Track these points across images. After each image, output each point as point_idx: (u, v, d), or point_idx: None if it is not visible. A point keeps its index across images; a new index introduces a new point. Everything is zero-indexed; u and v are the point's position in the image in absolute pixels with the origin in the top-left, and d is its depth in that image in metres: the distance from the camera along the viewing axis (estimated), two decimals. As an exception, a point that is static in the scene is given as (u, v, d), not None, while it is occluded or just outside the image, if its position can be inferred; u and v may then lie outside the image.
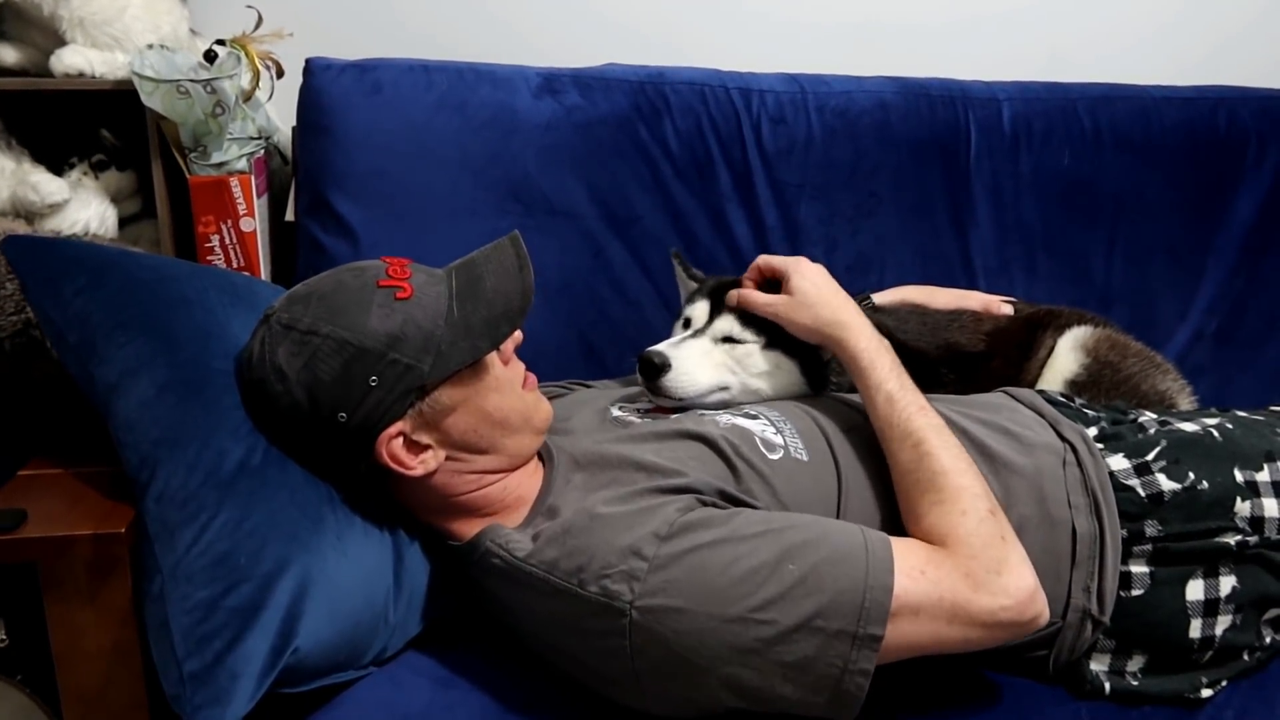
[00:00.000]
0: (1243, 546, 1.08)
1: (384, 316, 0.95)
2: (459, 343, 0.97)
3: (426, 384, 0.97)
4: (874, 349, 1.12)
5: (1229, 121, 1.69)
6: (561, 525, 0.97)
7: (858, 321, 1.14)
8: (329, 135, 1.42)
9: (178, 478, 0.93)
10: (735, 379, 1.21)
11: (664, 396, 1.18)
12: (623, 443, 1.07)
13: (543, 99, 1.49)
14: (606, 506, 0.97)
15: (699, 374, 1.18)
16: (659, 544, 0.91)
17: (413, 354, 0.95)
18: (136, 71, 1.34)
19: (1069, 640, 1.07)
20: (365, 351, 0.94)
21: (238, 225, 1.43)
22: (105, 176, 1.47)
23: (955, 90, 1.64)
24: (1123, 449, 1.13)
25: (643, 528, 0.93)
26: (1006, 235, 1.65)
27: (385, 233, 1.43)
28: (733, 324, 1.22)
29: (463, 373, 0.98)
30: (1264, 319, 1.72)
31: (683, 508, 0.95)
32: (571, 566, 0.93)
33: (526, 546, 0.98)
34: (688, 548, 0.91)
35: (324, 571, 0.94)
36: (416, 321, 0.96)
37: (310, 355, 0.95)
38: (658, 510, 0.95)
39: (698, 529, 0.93)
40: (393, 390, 0.95)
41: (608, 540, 0.93)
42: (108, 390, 0.99)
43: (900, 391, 1.07)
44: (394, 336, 0.95)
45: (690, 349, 1.20)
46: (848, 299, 1.17)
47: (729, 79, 1.58)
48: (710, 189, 1.55)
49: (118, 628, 0.98)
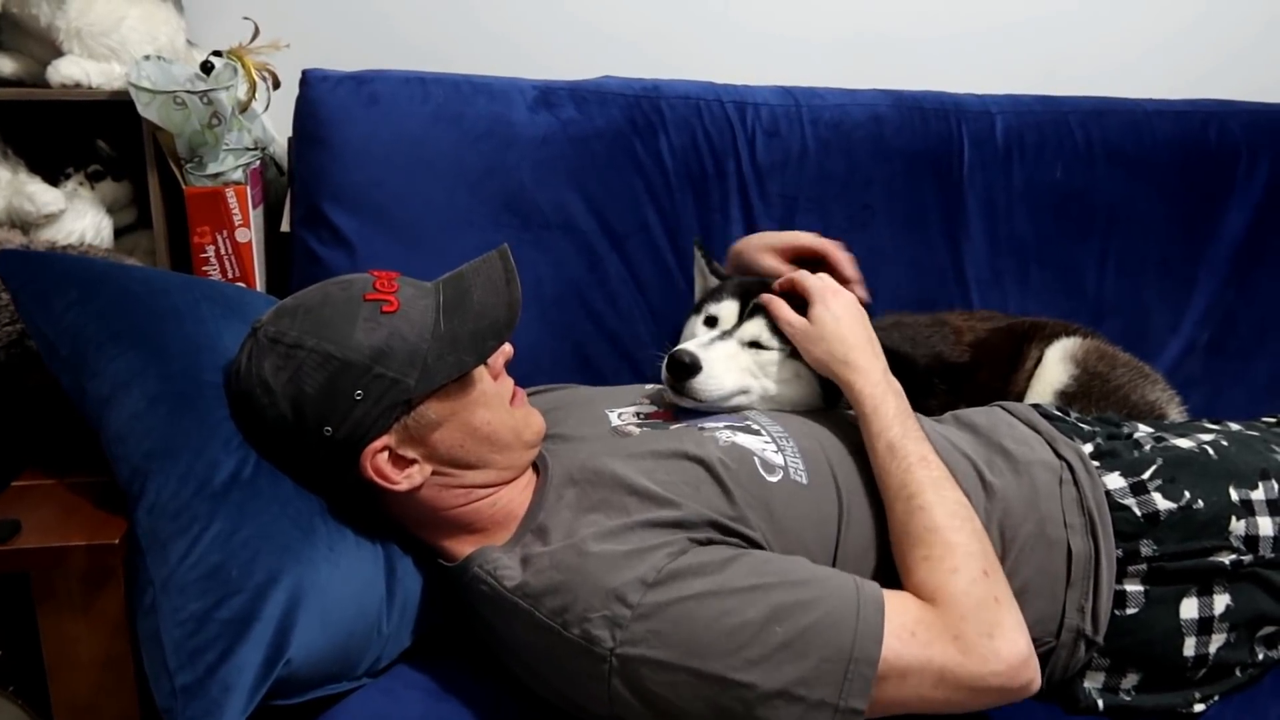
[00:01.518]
0: (1237, 565, 1.08)
1: (369, 330, 0.95)
2: (445, 357, 0.97)
3: (412, 398, 0.96)
4: (880, 394, 1.09)
5: (1220, 135, 1.70)
6: (550, 558, 0.96)
7: (869, 364, 1.12)
8: (325, 146, 1.42)
9: (169, 490, 0.93)
10: (756, 384, 1.21)
11: (687, 398, 1.16)
12: (619, 459, 1.05)
13: (539, 112, 1.50)
14: (596, 543, 0.95)
15: (725, 378, 1.17)
16: (645, 591, 0.90)
17: (398, 368, 0.95)
18: (133, 82, 1.34)
19: (1062, 659, 1.07)
20: (350, 365, 0.94)
21: (233, 236, 1.43)
22: (101, 187, 1.47)
23: (948, 103, 1.65)
24: (1119, 467, 1.13)
25: (630, 571, 0.92)
26: (999, 247, 1.66)
27: (381, 244, 1.42)
28: (762, 329, 1.22)
29: (449, 387, 0.98)
30: (1255, 331, 1.73)
31: (673, 552, 0.93)
32: (556, 605, 0.93)
33: (515, 575, 0.97)
34: (674, 598, 0.90)
35: (316, 583, 0.94)
36: (402, 335, 0.96)
37: (295, 369, 0.94)
38: (647, 555, 0.93)
39: (686, 578, 0.91)
40: (378, 404, 0.95)
41: (593, 581, 0.92)
42: (99, 403, 0.99)
43: (902, 440, 1.04)
44: (379, 350, 0.95)
45: (719, 351, 1.19)
46: (868, 339, 1.15)
47: (723, 92, 1.58)
48: (705, 202, 1.55)
49: (110, 639, 0.98)
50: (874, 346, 1.15)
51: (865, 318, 1.18)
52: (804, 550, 1.02)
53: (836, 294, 1.18)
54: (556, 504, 1.02)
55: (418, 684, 1.03)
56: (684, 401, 1.18)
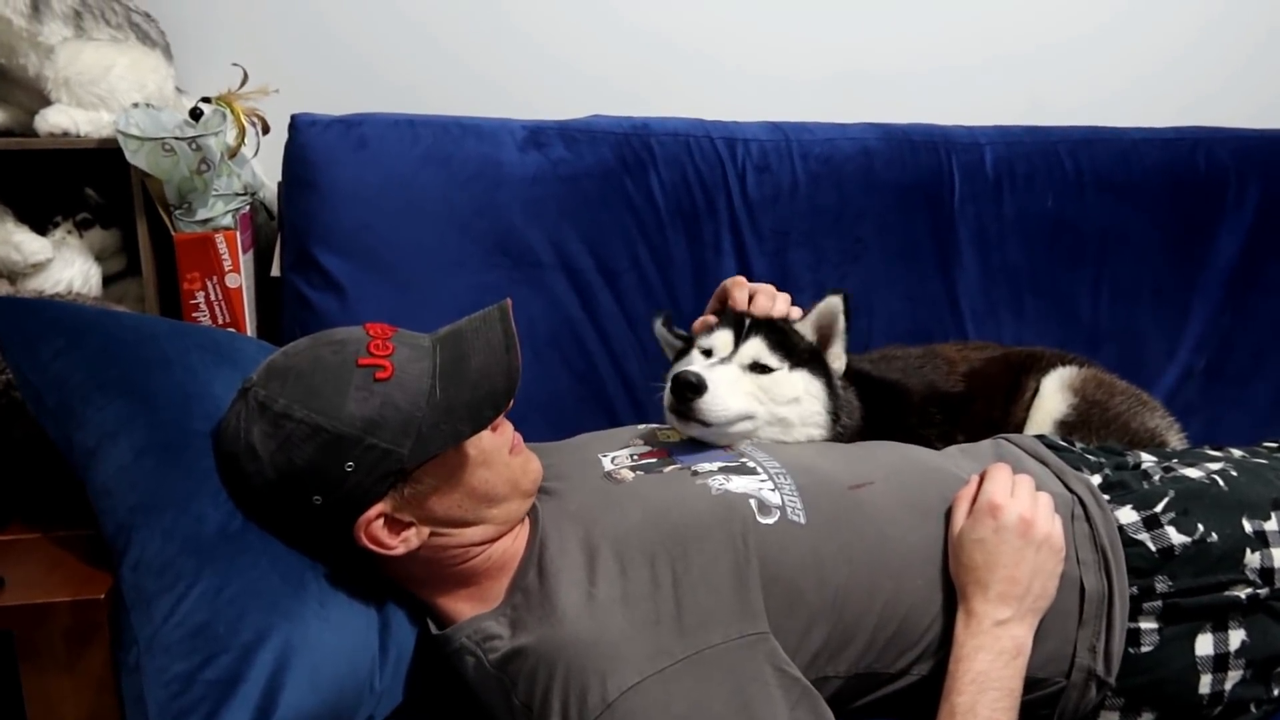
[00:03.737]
0: (1253, 599, 1.06)
1: (362, 400, 0.93)
2: (441, 425, 0.94)
3: (406, 467, 0.94)
4: (983, 641, 0.99)
5: (1208, 161, 1.71)
6: (535, 644, 0.94)
7: (999, 601, 1.01)
8: (314, 190, 1.42)
9: (154, 545, 0.91)
10: (762, 409, 1.19)
11: (692, 421, 1.14)
12: (610, 511, 1.03)
13: (528, 152, 1.50)
14: (574, 625, 0.93)
15: (730, 400, 1.15)
16: (601, 711, 0.89)
17: (391, 438, 0.93)
18: (121, 130, 1.34)
19: (1073, 700, 1.05)
20: (341, 438, 0.92)
21: (223, 282, 1.42)
22: (89, 235, 1.47)
23: (937, 135, 1.65)
24: (1130, 500, 1.11)
25: (597, 683, 0.90)
26: (993, 277, 1.66)
27: (372, 287, 1.42)
28: (761, 349, 1.21)
29: (447, 452, 0.96)
30: (1251, 356, 1.72)
31: (641, 671, 0.91)
32: (526, 694, 0.93)
33: (501, 646, 0.96)
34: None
35: (306, 640, 0.92)
36: (396, 404, 0.93)
37: (284, 439, 0.92)
38: (619, 664, 0.91)
39: (649, 713, 0.89)
40: (370, 474, 0.93)
41: (564, 679, 0.91)
42: (86, 455, 0.97)
43: (964, 716, 0.96)
44: (371, 421, 0.92)
45: (722, 374, 1.17)
46: (1026, 583, 1.02)
47: (713, 128, 1.59)
48: (697, 239, 1.55)
49: (95, 697, 0.96)
50: (1028, 599, 1.02)
51: (1052, 564, 1.04)
52: (799, 597, 1.00)
53: (1027, 491, 1.07)
54: (547, 558, 1.00)
55: (412, 739, 1.01)
56: (690, 429, 1.16)
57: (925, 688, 1.03)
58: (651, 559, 0.98)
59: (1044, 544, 1.03)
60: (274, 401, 0.93)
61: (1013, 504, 1.04)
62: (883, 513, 1.07)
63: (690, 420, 1.15)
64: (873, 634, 1.02)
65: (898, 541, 1.06)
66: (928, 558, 1.06)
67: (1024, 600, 1.01)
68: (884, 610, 1.03)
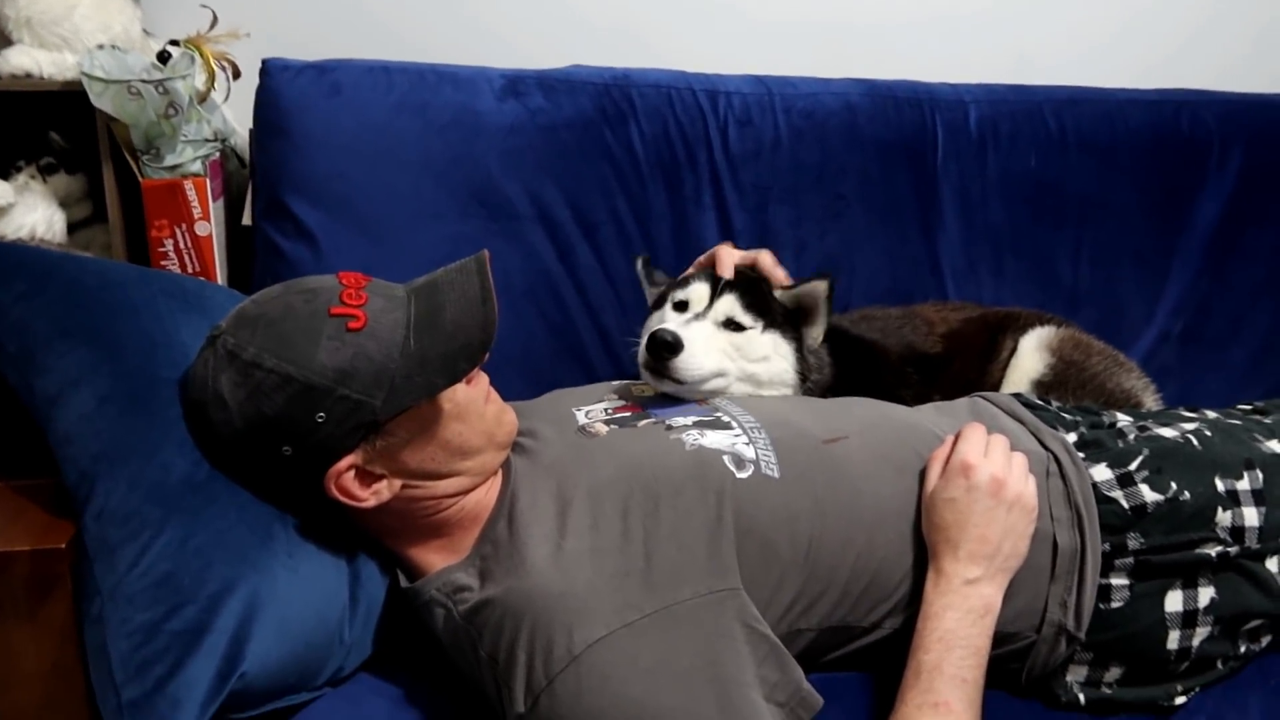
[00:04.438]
0: (1223, 557, 1.07)
1: (333, 350, 0.91)
2: (414, 377, 0.93)
3: (378, 419, 0.93)
4: (952, 600, 0.99)
5: (1192, 124, 1.70)
6: (502, 596, 0.94)
7: (968, 560, 1.01)
8: (287, 137, 1.39)
9: (118, 494, 0.89)
10: (733, 366, 1.20)
11: (667, 379, 1.15)
12: (583, 465, 1.03)
13: (506, 101, 1.47)
14: (541, 577, 0.93)
15: (705, 358, 1.16)
16: (567, 663, 0.88)
17: (363, 389, 0.91)
18: (86, 72, 1.31)
19: (1043, 654, 1.06)
20: (311, 387, 0.90)
21: (192, 230, 1.40)
22: (54, 180, 1.44)
23: (922, 93, 1.63)
24: (1105, 458, 1.11)
25: (563, 635, 0.89)
26: (974, 237, 1.65)
27: (345, 237, 1.39)
28: (735, 306, 1.21)
29: (419, 405, 0.94)
30: (1228, 320, 1.73)
31: (609, 625, 0.90)
32: (491, 645, 0.92)
33: (471, 598, 0.96)
34: (592, 687, 0.88)
35: (274, 591, 0.91)
36: (368, 354, 0.92)
37: (253, 388, 0.91)
38: (586, 617, 0.90)
39: (614, 667, 0.89)
40: (341, 426, 0.91)
41: (530, 631, 0.91)
42: (47, 402, 0.95)
43: (931, 672, 0.96)
44: (343, 372, 0.91)
45: (698, 331, 1.18)
46: (989, 522, 1.02)
47: (695, 81, 1.56)
48: (677, 192, 1.53)
49: (58, 648, 0.94)
50: (998, 558, 1.02)
51: (1023, 525, 1.04)
52: (773, 551, 1.00)
53: (1001, 452, 1.07)
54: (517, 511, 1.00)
55: (382, 691, 1.01)
56: (663, 385, 1.16)
57: (896, 641, 1.03)
58: (624, 513, 0.97)
59: (1016, 504, 1.03)
60: (243, 350, 0.91)
61: (985, 464, 1.04)
62: (857, 467, 1.07)
63: (665, 378, 1.16)
64: (845, 587, 1.03)
65: (871, 496, 1.06)
66: (901, 512, 1.06)
67: (994, 560, 1.01)
68: (857, 563, 1.03)
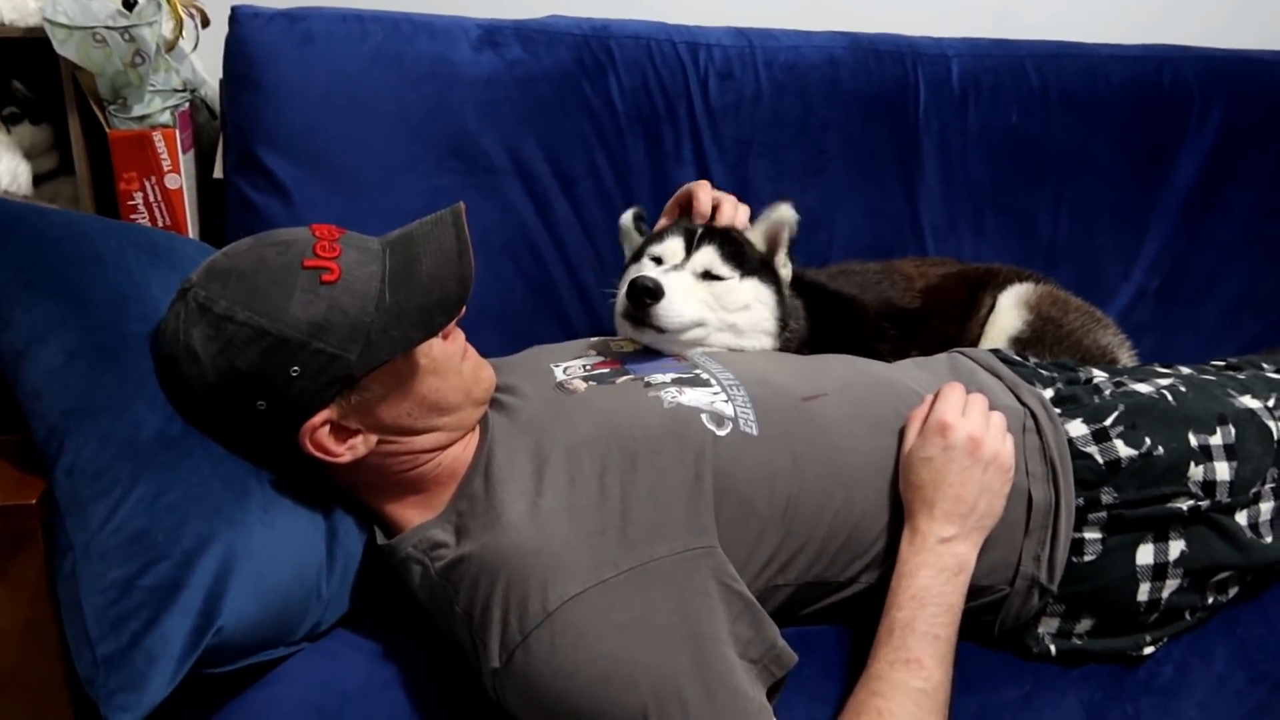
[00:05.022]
0: (1194, 510, 1.08)
1: (307, 303, 0.89)
2: (390, 331, 0.91)
3: (354, 373, 0.92)
4: (926, 557, 1.00)
5: (1174, 81, 1.69)
6: (477, 552, 0.93)
7: (944, 519, 1.01)
8: (258, 88, 1.36)
9: (89, 449, 0.88)
10: (713, 316, 1.19)
11: (647, 327, 1.14)
12: (561, 422, 1.02)
13: (483, 52, 1.44)
14: (517, 534, 0.93)
15: (685, 307, 1.16)
16: (541, 620, 0.88)
17: (338, 343, 0.90)
18: (48, 18, 1.27)
19: (1015, 607, 1.07)
20: (285, 341, 0.89)
21: (162, 182, 1.36)
22: (18, 130, 1.39)
23: (904, 47, 1.62)
24: (1081, 414, 1.12)
25: (538, 592, 0.89)
26: (954, 193, 1.64)
27: (319, 190, 1.37)
28: (713, 258, 1.21)
29: (396, 360, 0.93)
30: (1204, 277, 1.74)
31: (584, 581, 0.90)
32: (467, 602, 0.92)
33: (447, 554, 0.95)
34: (566, 643, 0.88)
35: (249, 546, 0.90)
36: (343, 307, 0.90)
37: (225, 342, 0.89)
38: (561, 574, 0.90)
39: (589, 623, 0.88)
40: (316, 380, 0.90)
41: (505, 587, 0.90)
42: (14, 357, 0.93)
43: (904, 629, 0.96)
44: (317, 325, 0.89)
45: (677, 279, 1.17)
46: (965, 481, 1.02)
47: (675, 33, 1.54)
48: (657, 146, 1.52)
49: (30, 605, 0.93)
50: (973, 517, 1.02)
51: (999, 484, 1.04)
52: (751, 508, 1.00)
53: (978, 410, 1.06)
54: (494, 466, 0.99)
55: (360, 646, 1.01)
56: (644, 335, 1.16)
57: (872, 595, 1.04)
58: (601, 471, 0.97)
59: (992, 463, 1.03)
60: (215, 303, 0.90)
61: (963, 423, 1.04)
62: (835, 425, 1.07)
63: (644, 326, 1.15)
64: (823, 543, 1.03)
65: (849, 453, 1.06)
66: (878, 468, 1.07)
67: (969, 519, 1.02)
68: (834, 520, 1.03)
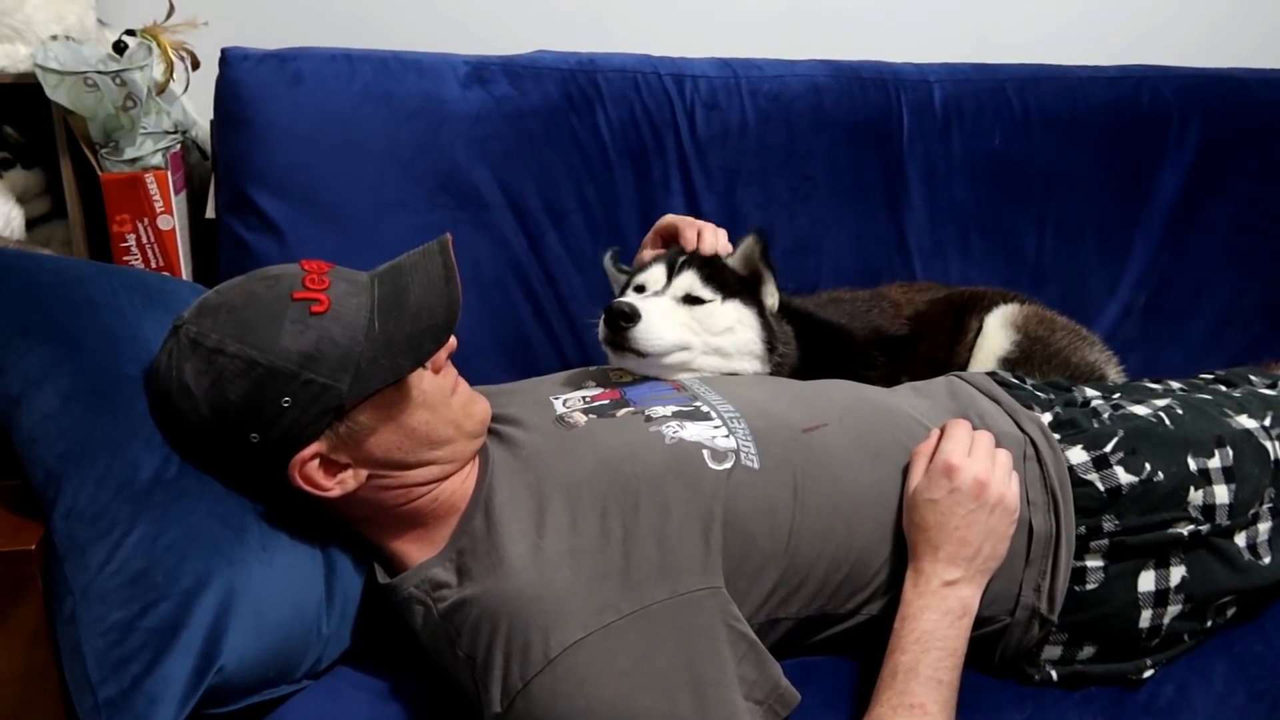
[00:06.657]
0: (1194, 535, 1.07)
1: (297, 334, 0.90)
2: (380, 360, 0.92)
3: (344, 404, 0.92)
4: (930, 601, 0.99)
5: (1152, 100, 1.72)
6: (480, 596, 0.93)
7: (948, 563, 1.00)
8: (249, 128, 1.37)
9: (86, 492, 0.88)
10: (697, 339, 1.19)
11: (627, 351, 1.15)
12: (563, 459, 1.02)
13: (471, 89, 1.46)
14: (519, 578, 0.92)
15: (664, 330, 1.16)
16: (543, 666, 0.88)
17: (328, 373, 0.91)
18: (40, 64, 1.28)
19: (1016, 636, 1.06)
20: (276, 372, 0.90)
21: (155, 224, 1.37)
22: (10, 175, 1.40)
23: (887, 73, 1.64)
24: (1081, 440, 1.11)
25: (540, 638, 0.89)
26: (940, 216, 1.66)
27: (310, 229, 1.38)
28: (694, 281, 1.21)
29: (385, 391, 0.94)
30: (1189, 292, 1.76)
31: (586, 627, 0.89)
32: (469, 646, 0.92)
33: (450, 595, 0.95)
34: (568, 690, 0.87)
35: (249, 585, 0.90)
36: (333, 338, 0.91)
37: (217, 375, 0.90)
38: (562, 620, 0.90)
39: (591, 669, 0.88)
40: (308, 411, 0.91)
41: (507, 633, 0.90)
42: (10, 403, 0.93)
43: (907, 673, 0.96)
44: (308, 355, 0.90)
45: (655, 304, 1.18)
46: (970, 524, 1.01)
47: (661, 65, 1.56)
48: (645, 178, 1.53)
49: (30, 651, 0.93)
50: (977, 560, 1.01)
51: (1004, 527, 1.03)
52: (753, 542, 0.99)
53: (985, 447, 1.05)
54: (494, 502, 0.99)
55: (362, 684, 1.00)
56: (625, 359, 1.16)
57: (874, 627, 1.03)
58: (603, 512, 0.97)
59: (998, 506, 1.02)
60: (206, 337, 0.91)
61: (969, 465, 1.02)
62: (835, 456, 1.07)
63: (625, 350, 1.15)
64: (825, 577, 1.02)
65: (850, 484, 1.05)
66: (880, 500, 1.06)
67: (974, 561, 1.01)
68: (836, 553, 1.03)
